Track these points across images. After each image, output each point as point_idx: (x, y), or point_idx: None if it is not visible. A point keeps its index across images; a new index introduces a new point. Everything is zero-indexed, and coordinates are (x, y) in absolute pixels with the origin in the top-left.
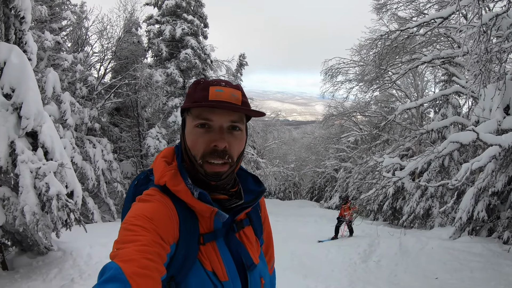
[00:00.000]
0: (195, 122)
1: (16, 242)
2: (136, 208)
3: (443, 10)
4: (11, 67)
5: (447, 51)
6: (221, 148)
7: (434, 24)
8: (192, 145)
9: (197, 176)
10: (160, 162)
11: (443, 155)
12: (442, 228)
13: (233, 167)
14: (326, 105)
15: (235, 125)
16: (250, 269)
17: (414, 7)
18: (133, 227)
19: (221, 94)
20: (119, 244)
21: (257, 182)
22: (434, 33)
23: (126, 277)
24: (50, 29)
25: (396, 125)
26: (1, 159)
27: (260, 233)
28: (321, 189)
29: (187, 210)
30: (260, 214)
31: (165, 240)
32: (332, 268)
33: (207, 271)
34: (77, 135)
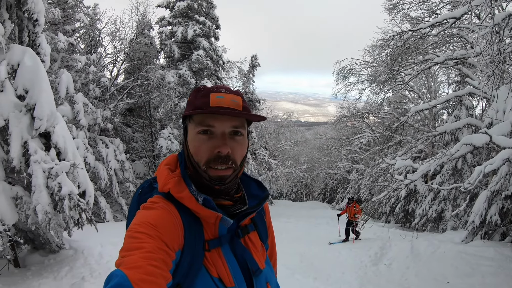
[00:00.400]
0: (197, 128)
1: (28, 240)
2: (141, 216)
3: (455, 10)
4: (25, 69)
5: (460, 51)
6: (224, 154)
7: (447, 25)
8: (195, 151)
9: (201, 181)
10: (163, 170)
11: (456, 157)
12: (455, 232)
13: (237, 171)
14: (338, 106)
15: (237, 130)
16: (256, 274)
17: (426, 7)
18: (137, 234)
19: (222, 100)
20: (124, 252)
21: (260, 187)
22: (447, 34)
23: (132, 284)
24: (63, 31)
25: (408, 126)
26: (14, 159)
27: (266, 238)
28: (333, 191)
29: (191, 217)
30: (265, 219)
31: (170, 247)
32: (342, 270)
33: (213, 277)
34: (90, 135)
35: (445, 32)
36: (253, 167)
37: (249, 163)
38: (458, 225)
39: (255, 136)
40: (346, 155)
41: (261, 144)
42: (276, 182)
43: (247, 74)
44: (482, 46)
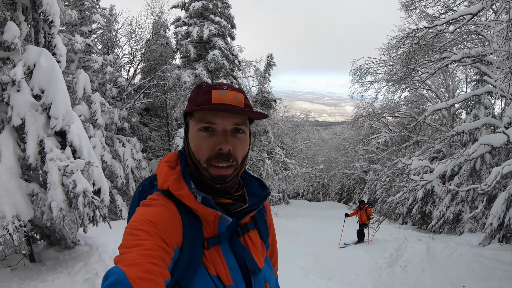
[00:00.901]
0: (198, 125)
1: (44, 236)
2: (140, 213)
3: (472, 6)
4: (41, 69)
5: (478, 49)
6: (225, 151)
7: (463, 21)
8: (196, 149)
9: (202, 180)
10: (163, 167)
11: (474, 158)
12: (472, 234)
13: (238, 170)
14: (355, 106)
15: (238, 127)
16: (254, 273)
17: (443, 4)
18: (136, 231)
19: (224, 97)
20: (123, 249)
21: (261, 186)
22: (464, 31)
23: (130, 282)
24: (80, 32)
25: (426, 126)
26: (30, 157)
27: (266, 236)
28: (350, 191)
29: (190, 215)
30: (265, 217)
31: (168, 244)
32: (356, 271)
33: (212, 276)
34: (107, 134)
35: (462, 29)
36: (270, 166)
37: (265, 163)
38: (475, 227)
39: (271, 135)
40: (363, 155)
41: (278, 143)
42: (292, 182)
43: (263, 73)
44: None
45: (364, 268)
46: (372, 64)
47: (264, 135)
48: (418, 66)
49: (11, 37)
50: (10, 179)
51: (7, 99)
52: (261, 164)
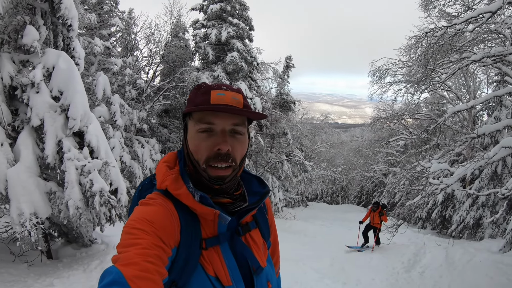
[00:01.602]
0: (197, 126)
1: (62, 234)
2: (137, 212)
3: (491, 4)
4: (59, 71)
5: (498, 48)
6: (224, 152)
7: (482, 20)
8: (195, 149)
9: (201, 180)
10: (162, 167)
11: (494, 161)
12: (492, 240)
13: (236, 170)
14: (375, 108)
15: (237, 128)
16: (256, 272)
17: (461, 2)
18: (134, 230)
19: (222, 97)
20: (121, 248)
21: (261, 184)
22: (484, 30)
23: (127, 281)
24: (99, 35)
25: (446, 128)
26: (49, 156)
27: (268, 235)
28: (369, 194)
29: (189, 214)
30: (266, 216)
31: (166, 243)
32: (373, 276)
33: (210, 276)
34: (126, 135)
35: (481, 28)
36: (288, 168)
37: (284, 165)
38: (496, 233)
39: (290, 137)
40: (382, 157)
41: (297, 145)
42: (311, 184)
43: (282, 75)
44: None
45: (381, 273)
46: (391, 65)
47: (283, 137)
48: (437, 67)
49: (31, 40)
50: (29, 178)
51: (27, 100)
52: (279, 166)
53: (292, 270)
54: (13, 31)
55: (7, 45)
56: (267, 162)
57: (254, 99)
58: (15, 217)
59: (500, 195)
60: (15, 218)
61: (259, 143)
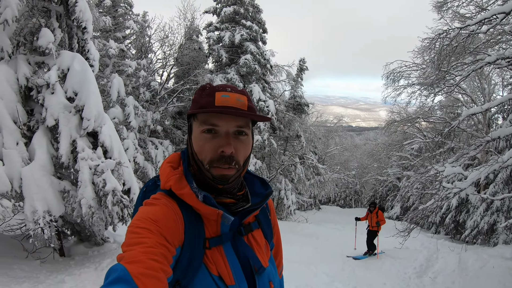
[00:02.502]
0: (201, 127)
1: (75, 232)
2: (142, 212)
3: (505, 5)
4: (74, 73)
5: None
6: (227, 154)
7: (496, 21)
8: (199, 150)
9: (205, 180)
10: (165, 167)
11: (509, 165)
12: (506, 246)
13: (240, 171)
14: (388, 111)
15: (241, 130)
16: (258, 272)
17: (475, 3)
18: (138, 229)
19: (227, 99)
20: (126, 247)
21: (264, 185)
22: (498, 31)
23: (132, 278)
24: (114, 37)
25: (461, 132)
26: (63, 156)
27: (270, 236)
28: (383, 198)
29: (193, 214)
30: (269, 217)
31: (170, 242)
32: (384, 281)
33: (213, 276)
34: (140, 137)
35: (495, 29)
36: (301, 171)
37: (297, 167)
38: (510, 239)
39: (303, 140)
40: (396, 161)
41: (310, 148)
42: (323, 187)
43: (295, 77)
44: None
45: (392, 278)
46: (405, 68)
47: (296, 139)
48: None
49: (46, 42)
50: (43, 176)
51: (42, 101)
52: (292, 168)
53: (303, 272)
54: (29, 33)
55: (23, 47)
56: (280, 164)
57: (268, 102)
58: (29, 215)
59: None
60: (28, 215)
61: (272, 146)
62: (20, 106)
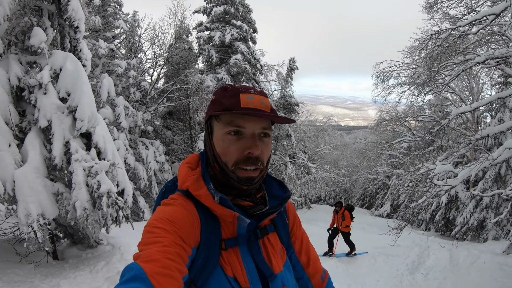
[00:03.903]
0: (226, 129)
1: (68, 235)
2: (159, 211)
3: (495, 6)
4: (67, 73)
5: (502, 50)
6: (255, 155)
7: (486, 22)
8: (223, 152)
9: (227, 181)
10: (184, 168)
11: (498, 162)
12: (496, 242)
13: (263, 172)
14: (378, 110)
15: (266, 132)
16: (271, 277)
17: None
18: (155, 229)
19: (252, 101)
20: (142, 246)
21: (282, 188)
22: (487, 32)
23: (148, 277)
24: (104, 37)
25: (450, 130)
26: (56, 157)
27: (287, 240)
28: (372, 196)
29: (209, 215)
30: (287, 221)
31: (186, 242)
32: (377, 278)
33: (228, 277)
34: (131, 137)
35: (485, 30)
36: (292, 170)
37: (288, 167)
38: (500, 235)
39: (294, 140)
40: (386, 160)
41: (300, 148)
42: (314, 186)
43: (285, 77)
44: None
45: (385, 275)
46: (395, 67)
47: (286, 139)
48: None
49: (38, 42)
50: (36, 179)
51: (34, 101)
52: (283, 168)
53: None
54: (20, 32)
55: (14, 46)
56: (270, 164)
57: None
58: (23, 218)
59: (504, 196)
60: (22, 218)
61: None
62: (12, 107)
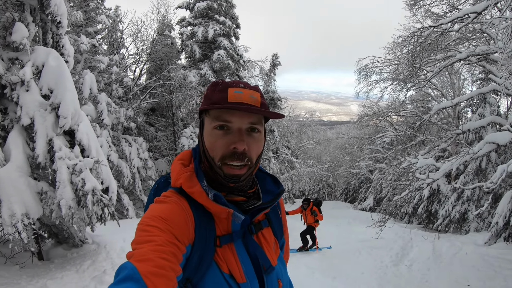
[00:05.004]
0: (213, 123)
1: (52, 235)
2: (152, 209)
3: (477, 5)
4: (49, 69)
5: (483, 47)
6: (240, 150)
7: (468, 20)
8: (211, 146)
9: (216, 177)
10: (176, 165)
11: (479, 156)
12: (478, 233)
13: (252, 169)
14: (361, 105)
15: (254, 126)
16: (267, 271)
17: (447, 2)
18: (148, 227)
19: (240, 95)
20: (135, 245)
21: (275, 183)
22: (469, 29)
23: (142, 277)
24: (86, 33)
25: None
26: (39, 155)
27: (281, 234)
28: (355, 191)
29: (203, 212)
30: (280, 215)
31: (180, 241)
32: (362, 270)
33: (224, 273)
34: (114, 134)
35: (467, 28)
36: (275, 166)
37: (271, 162)
38: (481, 226)
39: (277, 135)
40: (368, 154)
41: (283, 143)
42: (298, 181)
43: (268, 73)
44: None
45: (369, 267)
46: (377, 63)
47: (269, 134)
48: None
49: (20, 37)
50: (19, 178)
51: (16, 99)
52: (266, 163)
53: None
54: (2, 28)
55: None
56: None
57: None
58: (7, 218)
59: (485, 189)
60: (6, 219)
61: None
62: None
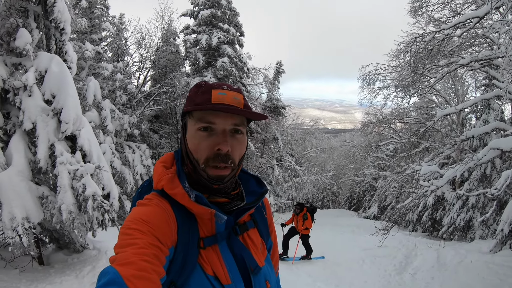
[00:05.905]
0: (197, 125)
1: (53, 240)
2: (134, 212)
3: (479, 9)
4: (52, 75)
5: (486, 52)
6: (224, 152)
7: (470, 25)
8: (195, 148)
9: (199, 179)
10: (158, 167)
11: (483, 162)
12: (483, 241)
13: (235, 170)
14: (364, 113)
15: (237, 128)
16: (254, 272)
17: (450, 8)
18: (130, 231)
19: (223, 97)
20: (118, 249)
21: (259, 184)
22: (471, 34)
23: (124, 280)
24: (90, 40)
25: (435, 132)
26: (41, 160)
27: (267, 235)
28: (360, 199)
29: (186, 214)
30: (265, 216)
31: (163, 243)
32: (365, 279)
33: (209, 276)
34: (117, 141)
35: (469, 33)
36: (279, 173)
37: (275, 170)
38: (486, 234)
39: (281, 143)
40: (372, 162)
41: (287, 151)
42: (301, 189)
43: (272, 80)
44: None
45: (373, 276)
46: (381, 70)
47: (273, 142)
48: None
49: (23, 43)
50: (21, 182)
51: (19, 103)
52: (270, 171)
53: (286, 273)
54: (6, 33)
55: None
56: (257, 167)
57: None
58: (7, 222)
59: (489, 195)
60: (7, 223)
61: (250, 148)
62: None
